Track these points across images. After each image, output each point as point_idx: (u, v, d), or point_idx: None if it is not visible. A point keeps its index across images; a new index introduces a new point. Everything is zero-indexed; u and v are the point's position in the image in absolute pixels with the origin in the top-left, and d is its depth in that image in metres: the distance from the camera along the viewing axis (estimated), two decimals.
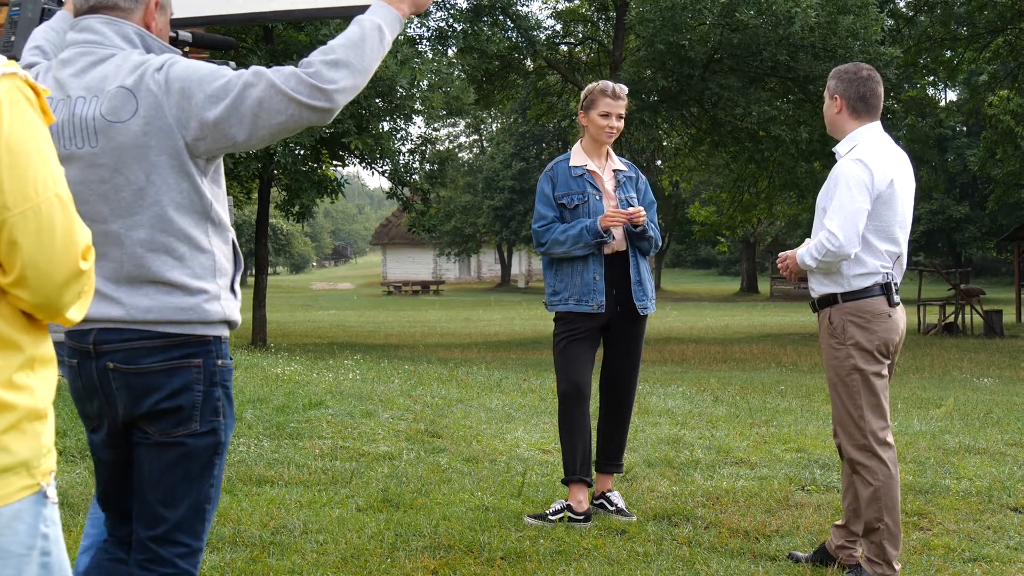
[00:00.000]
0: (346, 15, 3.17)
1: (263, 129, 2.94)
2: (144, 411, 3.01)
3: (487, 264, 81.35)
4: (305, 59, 2.99)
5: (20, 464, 2.05)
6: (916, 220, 5.20)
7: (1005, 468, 7.49)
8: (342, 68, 2.95)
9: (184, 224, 2.99)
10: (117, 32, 3.02)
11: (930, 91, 43.84)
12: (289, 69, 2.95)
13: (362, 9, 3.10)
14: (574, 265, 6.02)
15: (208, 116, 2.91)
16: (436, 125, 36.39)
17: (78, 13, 3.08)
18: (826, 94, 5.24)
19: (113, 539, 3.32)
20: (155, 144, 2.93)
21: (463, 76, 29.81)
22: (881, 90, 5.19)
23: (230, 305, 3.10)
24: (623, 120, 6.19)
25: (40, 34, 3.36)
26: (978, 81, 38.44)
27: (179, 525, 3.06)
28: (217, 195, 3.09)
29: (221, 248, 3.09)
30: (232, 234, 3.18)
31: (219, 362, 3.06)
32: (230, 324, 3.12)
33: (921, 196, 48.91)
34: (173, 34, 3.46)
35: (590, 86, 6.24)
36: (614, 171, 6.21)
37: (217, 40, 3.67)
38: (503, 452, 7.69)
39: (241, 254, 3.23)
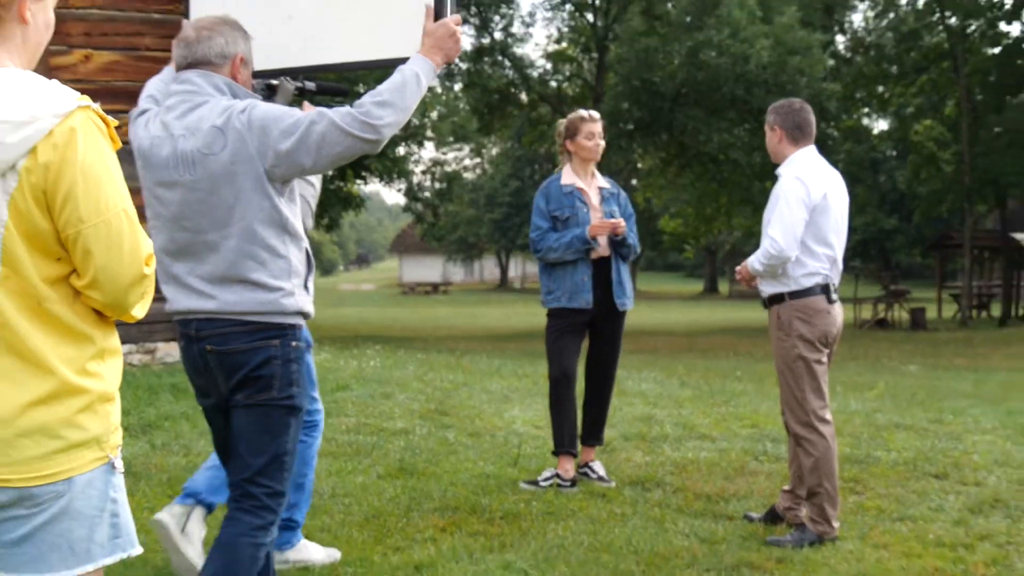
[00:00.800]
0: (391, 65, 3.35)
1: (325, 158, 3.13)
2: (236, 381, 3.23)
3: (488, 268, 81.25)
4: (359, 100, 3.16)
5: (93, 439, 2.07)
6: (852, 231, 5.25)
7: (928, 441, 7.50)
8: (387, 107, 3.13)
9: (266, 235, 3.19)
10: (209, 83, 3.25)
11: (865, 121, 43.85)
12: (345, 109, 3.13)
13: (404, 60, 3.28)
14: (565, 268, 6.03)
15: (282, 147, 3.11)
16: (444, 149, 36.46)
17: (179, 68, 3.32)
18: (767, 128, 5.27)
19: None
20: (241, 171, 3.14)
21: (467, 108, 29.87)
22: (812, 118, 5.23)
23: (303, 299, 3.29)
24: (603, 139, 6.20)
25: (152, 85, 3.53)
26: (906, 112, 38.47)
27: (263, 470, 3.26)
28: (293, 211, 3.28)
29: (296, 254, 3.28)
30: (306, 243, 3.37)
31: (293, 344, 3.26)
32: (304, 315, 3.31)
33: (857, 211, 48.80)
34: (300, 84, 3.72)
35: (568, 118, 6.25)
36: (599, 188, 6.21)
37: (334, 88, 3.88)
38: (502, 428, 7.69)
39: (312, 259, 3.43)
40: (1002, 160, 30.66)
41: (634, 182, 42.01)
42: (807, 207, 4.98)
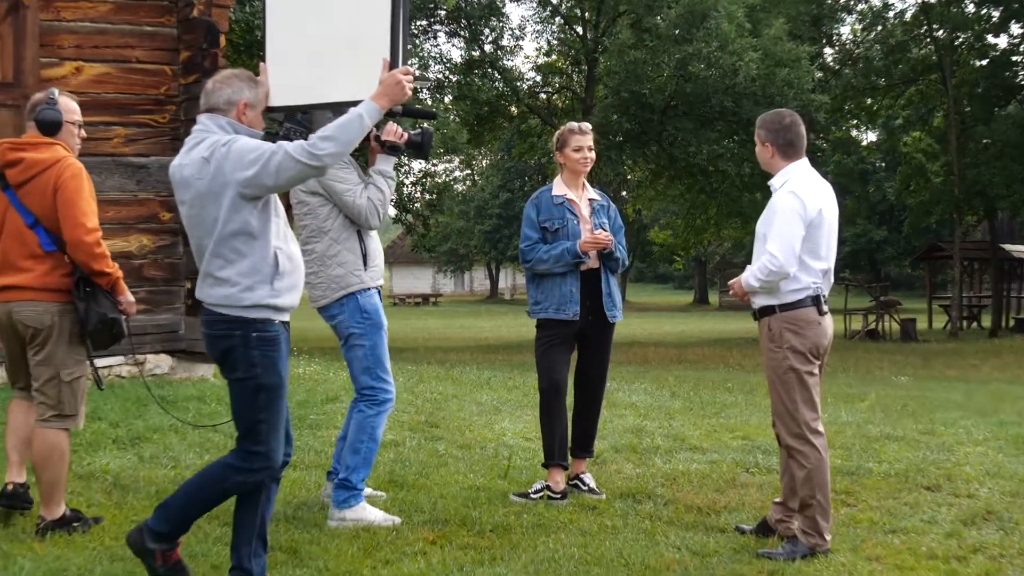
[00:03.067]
0: (351, 105, 4.07)
1: (283, 180, 3.94)
2: (215, 359, 4.13)
3: (478, 279, 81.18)
4: (312, 135, 3.97)
5: None
6: (842, 242, 5.22)
7: (919, 453, 7.49)
8: (331, 141, 3.90)
9: (235, 241, 3.97)
10: (215, 123, 4.09)
11: (854, 132, 44.01)
12: (299, 142, 3.94)
13: (358, 103, 4.02)
14: (554, 279, 6.01)
15: (249, 173, 3.91)
16: (434, 161, 36.34)
17: (199, 112, 4.15)
18: (757, 142, 5.22)
19: None
20: (220, 191, 3.95)
21: (457, 120, 29.89)
22: (803, 130, 5.18)
23: (265, 294, 4.00)
24: (593, 151, 6.19)
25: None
26: (894, 124, 38.61)
27: (243, 434, 4.07)
28: (265, 221, 4.01)
29: (261, 256, 3.99)
30: (272, 245, 4.02)
31: (254, 335, 3.98)
32: (268, 308, 4.01)
33: (846, 222, 49.05)
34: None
35: (560, 130, 6.23)
36: (589, 200, 6.20)
37: (419, 111, 4.56)
38: (492, 440, 7.67)
39: (282, 261, 4.06)
40: (990, 171, 30.83)
41: (624, 193, 42.11)
42: (804, 222, 4.95)
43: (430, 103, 28.44)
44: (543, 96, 34.95)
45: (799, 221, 4.94)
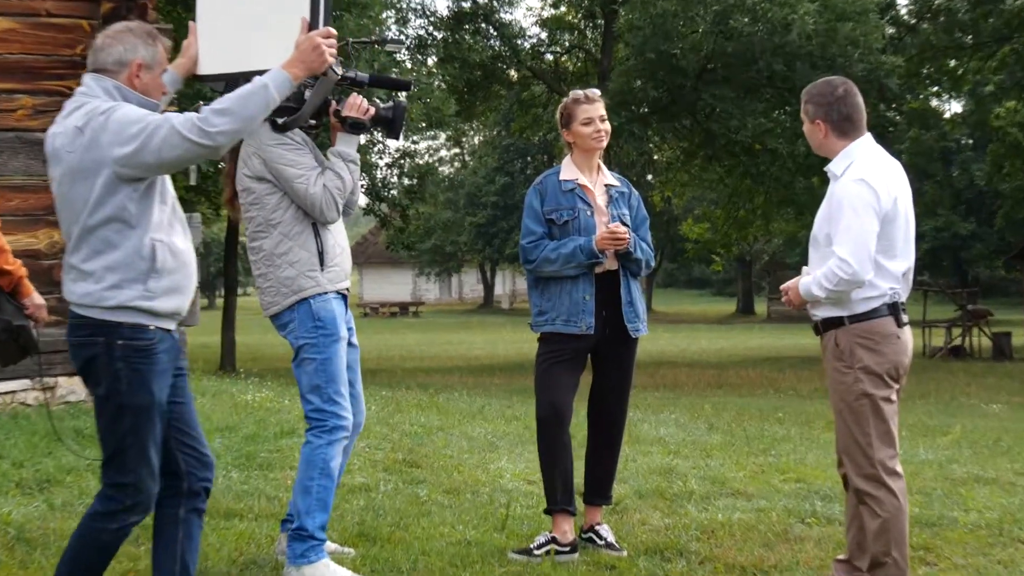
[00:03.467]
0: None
1: (166, 161, 3.99)
2: (79, 373, 4.19)
3: (469, 284, 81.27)
4: (206, 106, 4.01)
5: None
6: (920, 237, 5.20)
7: (1016, 499, 7.49)
8: (226, 115, 3.98)
9: (106, 230, 4.03)
10: (100, 86, 4.13)
11: (934, 102, 44.02)
12: (190, 114, 3.98)
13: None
14: (562, 284, 5.98)
15: (127, 149, 3.95)
16: (415, 138, 36.09)
17: (86, 71, 4.19)
18: (804, 118, 5.16)
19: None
20: (92, 168, 3.99)
21: (443, 86, 29.88)
22: (861, 100, 5.10)
23: (133, 295, 4.04)
24: (607, 123, 6.17)
25: None
26: (984, 92, 38.60)
27: (106, 461, 4.16)
28: (145, 208, 4.07)
29: (135, 249, 4.05)
30: (150, 236, 4.08)
31: (119, 342, 4.03)
32: (139, 311, 4.05)
33: (925, 212, 49.07)
34: (352, 75, 4.73)
35: (563, 102, 6.23)
36: (606, 186, 6.18)
37: (391, 81, 4.63)
38: (486, 483, 7.67)
39: (162, 256, 4.09)
40: None
41: (650, 178, 42.12)
42: (878, 216, 4.90)
43: (410, 67, 28.44)
44: (549, 57, 34.98)
45: (872, 215, 4.89)
